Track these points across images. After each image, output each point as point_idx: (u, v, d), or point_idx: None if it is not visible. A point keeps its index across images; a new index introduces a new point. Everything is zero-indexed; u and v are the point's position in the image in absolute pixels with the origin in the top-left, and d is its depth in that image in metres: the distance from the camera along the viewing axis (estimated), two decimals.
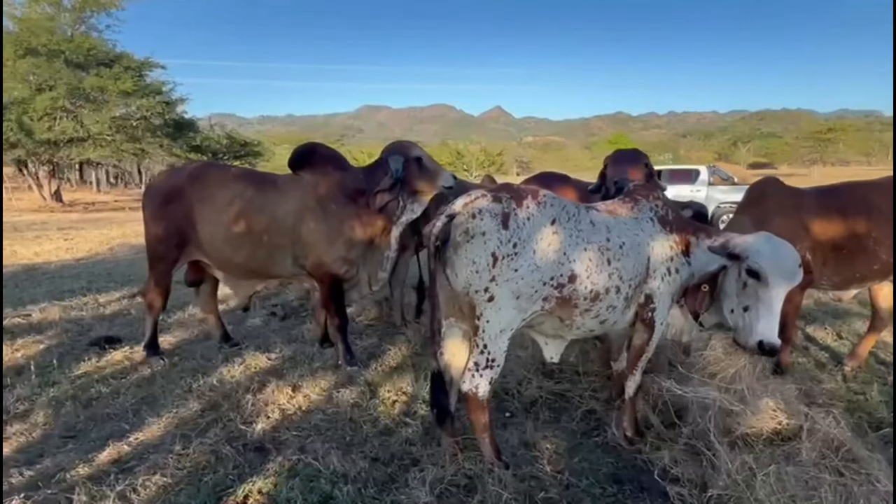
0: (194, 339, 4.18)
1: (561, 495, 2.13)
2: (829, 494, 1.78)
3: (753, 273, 2.08)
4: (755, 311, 2.10)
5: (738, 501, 1.88)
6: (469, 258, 2.05)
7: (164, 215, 3.34)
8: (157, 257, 3.46)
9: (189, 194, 3.29)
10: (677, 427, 2.51)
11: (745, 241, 2.15)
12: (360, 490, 2.16)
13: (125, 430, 2.70)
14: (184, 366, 3.55)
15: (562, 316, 2.20)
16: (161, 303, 3.63)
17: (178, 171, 3.48)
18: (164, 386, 3.22)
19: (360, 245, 3.42)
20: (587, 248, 2.14)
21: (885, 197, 3.12)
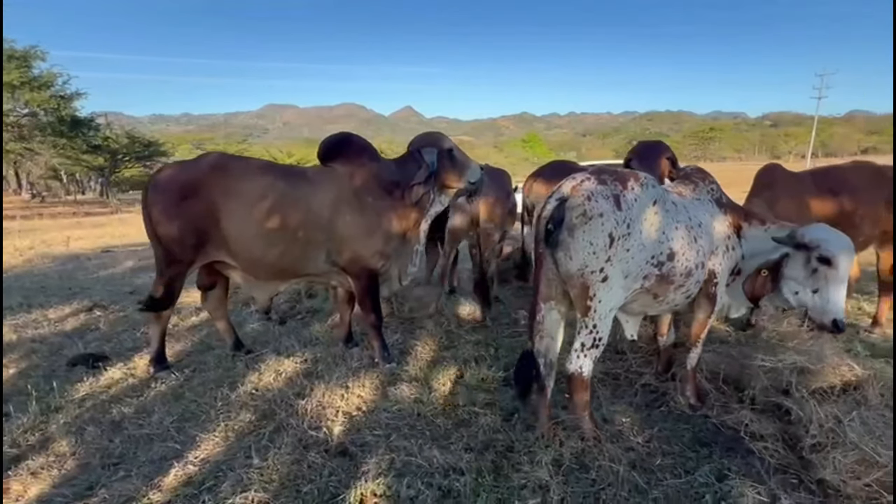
0: (196, 350, 3.82)
1: (665, 462, 2.25)
2: None
3: (825, 260, 2.28)
4: (825, 293, 2.31)
5: (834, 446, 2.10)
6: (587, 239, 2.09)
7: (179, 212, 3.01)
8: (169, 260, 3.12)
9: (211, 188, 3.00)
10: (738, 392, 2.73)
11: (812, 231, 2.37)
12: (476, 480, 2.14)
13: (179, 450, 2.44)
14: (204, 377, 3.25)
15: (657, 293, 2.31)
16: (170, 311, 3.29)
17: (192, 163, 3.14)
18: (196, 400, 2.93)
19: (396, 238, 3.32)
20: (678, 226, 2.27)
21: (862, 178, 3.60)
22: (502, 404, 2.82)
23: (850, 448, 2.06)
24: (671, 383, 2.92)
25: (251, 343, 3.83)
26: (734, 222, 2.60)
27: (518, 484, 2.10)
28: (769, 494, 2.02)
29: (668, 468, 2.20)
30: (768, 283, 2.48)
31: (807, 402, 2.28)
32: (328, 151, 3.27)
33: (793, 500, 1.98)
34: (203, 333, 4.15)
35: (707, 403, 2.71)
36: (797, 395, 2.36)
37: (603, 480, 2.10)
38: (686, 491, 2.07)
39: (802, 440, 2.22)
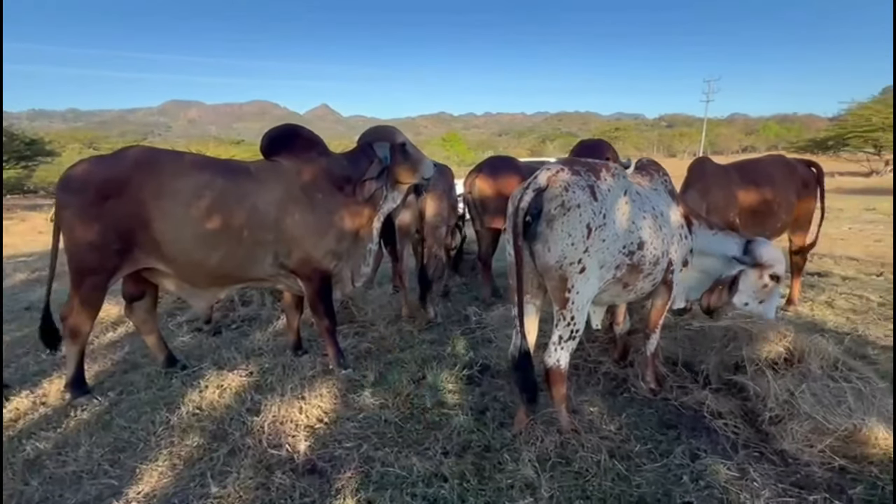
0: (119, 370, 3.38)
1: (640, 447, 2.29)
2: (850, 396, 2.25)
3: (776, 277, 2.63)
4: (769, 303, 2.67)
5: (790, 418, 2.25)
6: (566, 231, 2.07)
7: (99, 214, 2.63)
8: (86, 269, 2.72)
9: (139, 186, 2.65)
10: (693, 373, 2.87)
11: (763, 251, 2.64)
12: (461, 485, 2.05)
13: (116, 487, 2.13)
14: (134, 400, 2.88)
15: (628, 281, 2.35)
16: (89, 328, 2.88)
17: (113, 158, 2.74)
18: (129, 427, 2.58)
19: (349, 237, 3.14)
20: (645, 216, 2.32)
21: (777, 170, 3.94)
22: (471, 403, 2.75)
23: (804, 419, 2.22)
24: (630, 370, 3.01)
25: (184, 358, 3.46)
26: (684, 212, 2.72)
27: (505, 484, 2.04)
28: (738, 469, 2.12)
29: (644, 454, 2.25)
30: (724, 295, 2.70)
31: (762, 378, 2.43)
32: (273, 145, 3.02)
33: (759, 472, 2.10)
34: (125, 351, 3.70)
35: (666, 387, 2.81)
36: (751, 370, 2.51)
37: (587, 472, 2.10)
38: (664, 474, 2.12)
39: (761, 414, 2.36)
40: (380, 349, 3.59)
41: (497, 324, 3.79)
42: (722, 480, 2.04)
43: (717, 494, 1.98)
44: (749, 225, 3.80)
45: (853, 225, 8.71)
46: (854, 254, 6.21)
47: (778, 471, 2.12)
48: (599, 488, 2.01)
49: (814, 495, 1.93)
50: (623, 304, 3.00)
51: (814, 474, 2.07)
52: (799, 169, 4.06)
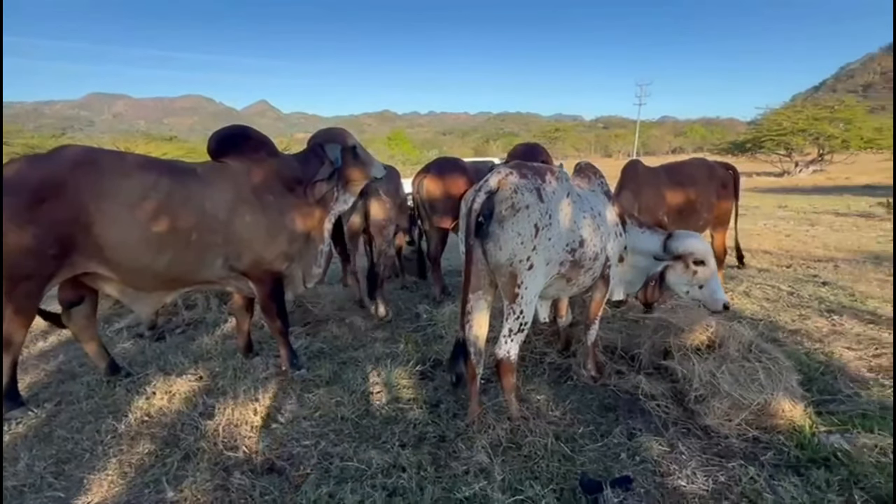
0: (55, 380, 3.23)
1: (583, 430, 2.48)
2: (762, 374, 2.54)
3: (699, 262, 2.88)
4: (710, 286, 2.89)
5: (713, 396, 2.51)
6: (515, 230, 2.21)
7: (34, 218, 2.49)
8: (20, 275, 2.57)
9: (79, 188, 2.54)
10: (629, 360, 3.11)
11: (681, 242, 2.91)
12: (419, 474, 2.15)
13: (63, 499, 2.07)
14: (75, 411, 2.77)
15: (571, 276, 2.53)
16: (22, 337, 2.72)
17: (49, 158, 2.60)
18: (72, 437, 2.50)
19: (300, 238, 3.16)
20: (585, 216, 2.51)
21: (700, 172, 4.31)
22: (425, 397, 2.85)
23: (723, 396, 2.48)
24: (572, 359, 3.21)
25: (127, 365, 3.34)
26: (619, 211, 2.95)
27: (460, 471, 2.16)
28: (668, 444, 2.35)
29: (587, 435, 2.44)
30: (657, 290, 2.97)
31: (688, 362, 2.69)
32: (221, 146, 2.98)
33: (686, 446, 2.33)
34: (59, 360, 3.52)
35: (605, 373, 3.03)
36: (678, 356, 2.77)
37: (536, 455, 2.25)
38: (605, 452, 2.32)
39: (687, 394, 2.61)
40: (333, 349, 3.63)
41: (448, 321, 3.90)
42: (655, 455, 2.26)
43: (650, 467, 2.19)
44: (676, 223, 4.13)
45: (767, 221, 9.52)
46: (768, 248, 6.82)
47: (702, 444, 2.36)
48: (547, 469, 2.17)
49: (732, 462, 2.17)
50: (566, 298, 3.21)
51: (732, 445, 2.32)
52: (718, 171, 4.45)
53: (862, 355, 3.16)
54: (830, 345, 3.33)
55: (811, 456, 2.18)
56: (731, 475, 2.10)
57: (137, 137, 59.99)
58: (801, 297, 4.42)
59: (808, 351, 3.24)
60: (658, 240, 2.97)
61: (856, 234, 7.63)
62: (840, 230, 8.14)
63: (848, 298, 4.32)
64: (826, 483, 2.01)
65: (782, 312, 4.09)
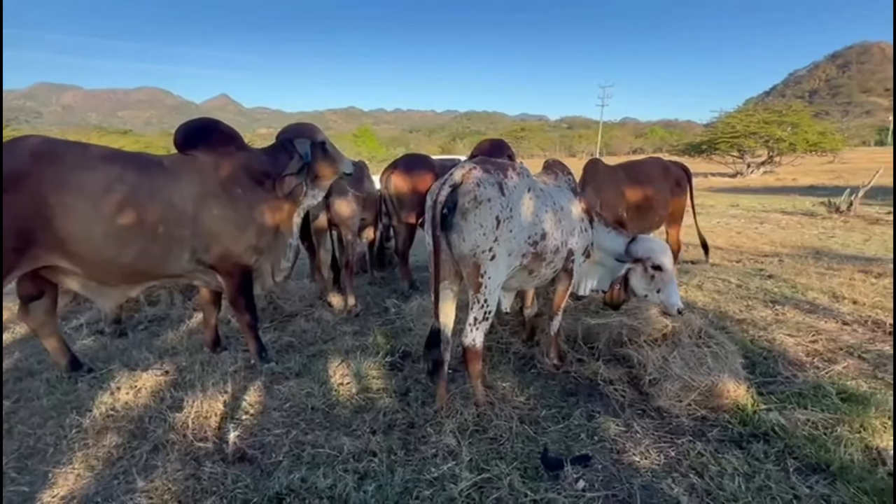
0: (12, 377, 3.12)
1: (546, 414, 2.61)
2: (710, 359, 2.73)
3: (657, 267, 2.98)
4: (666, 291, 3.00)
5: (665, 379, 2.68)
6: (477, 222, 2.30)
7: None
8: None
9: (39, 180, 2.49)
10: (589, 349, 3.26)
11: (641, 246, 3.03)
12: (389, 457, 2.23)
13: (27, 493, 2.05)
14: (36, 407, 2.72)
15: (533, 268, 2.65)
16: None
17: (7, 149, 2.51)
18: (34, 433, 2.46)
19: (269, 232, 3.17)
20: (548, 210, 2.63)
21: (656, 170, 4.53)
22: (394, 387, 2.93)
23: (675, 379, 2.65)
24: (537, 348, 3.35)
25: (89, 361, 3.28)
26: (585, 207, 3.08)
27: (429, 454, 2.25)
28: (625, 424, 2.50)
29: (549, 418, 2.57)
30: (621, 292, 3.11)
31: (642, 349, 2.86)
32: (188, 138, 2.96)
33: (640, 426, 2.49)
34: (15, 357, 3.42)
35: (567, 361, 3.18)
36: (634, 345, 2.94)
37: (501, 437, 2.36)
38: (566, 433, 2.45)
39: (642, 378, 2.78)
40: (302, 342, 3.65)
41: (416, 314, 3.98)
42: (612, 434, 2.41)
43: (608, 446, 2.33)
44: (634, 219, 4.34)
45: (720, 219, 9.99)
46: (720, 244, 7.19)
47: (655, 423, 2.52)
48: (512, 450, 2.28)
49: (681, 439, 2.34)
50: (531, 290, 3.34)
51: (682, 423, 2.49)
52: (672, 169, 4.69)
53: (800, 341, 3.41)
54: (773, 332, 3.57)
55: (752, 431, 2.37)
56: (681, 450, 2.26)
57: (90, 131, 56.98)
58: (748, 289, 4.70)
59: (753, 338, 3.47)
60: (622, 241, 3.12)
61: (800, 232, 8.11)
62: (786, 228, 8.62)
63: (790, 290, 4.63)
64: (764, 454, 2.19)
65: (731, 303, 4.34)
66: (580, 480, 2.07)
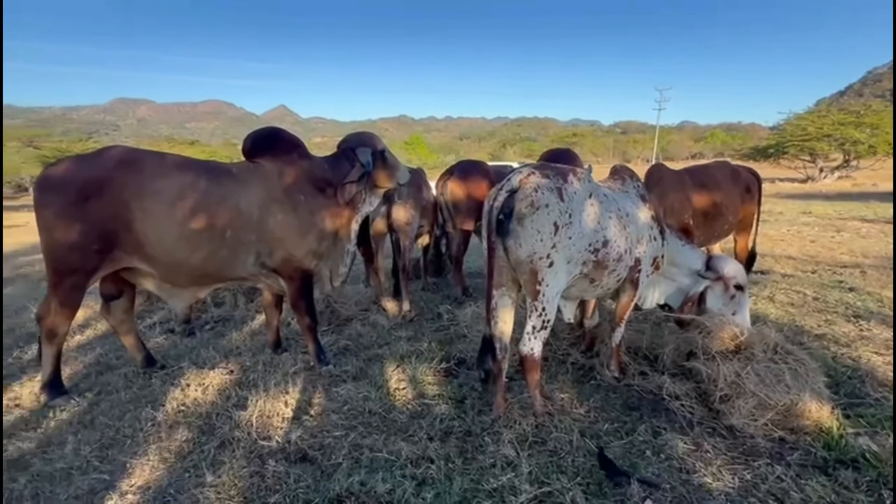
0: (93, 371, 3.36)
1: (608, 428, 2.51)
2: (788, 376, 2.54)
3: (740, 287, 2.90)
4: (741, 313, 2.92)
5: (737, 396, 2.52)
6: (535, 228, 2.26)
7: (79, 214, 2.63)
8: (66, 269, 2.71)
9: (122, 186, 2.67)
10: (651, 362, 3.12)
11: (724, 265, 2.91)
12: (447, 465, 2.20)
13: (108, 481, 2.17)
14: (115, 400, 2.89)
15: (594, 277, 2.57)
16: (66, 328, 2.86)
17: (94, 157, 2.74)
18: (113, 424, 2.61)
19: (329, 238, 3.25)
20: (611, 216, 2.54)
21: (724, 175, 4.31)
22: (450, 393, 2.91)
23: (749, 396, 2.49)
24: (596, 359, 3.24)
25: (161, 358, 3.46)
26: (655, 215, 2.94)
27: (487, 463, 2.21)
28: (693, 443, 2.37)
29: (611, 432, 2.47)
30: (695, 309, 2.98)
31: (711, 363, 2.70)
32: (255, 147, 3.09)
33: (711, 444, 2.35)
34: (97, 353, 3.66)
35: (628, 374, 3.05)
36: (703, 358, 2.78)
37: (561, 450, 2.29)
38: (630, 449, 2.34)
39: (712, 395, 2.62)
40: (358, 346, 3.71)
41: (470, 321, 3.95)
42: (680, 453, 2.28)
43: (676, 465, 2.21)
44: (701, 226, 4.13)
45: (791, 227, 9.38)
46: (792, 253, 6.74)
47: (727, 443, 2.37)
48: (573, 464, 2.21)
49: (758, 461, 2.19)
50: (592, 300, 3.24)
51: (758, 444, 2.33)
52: (742, 174, 4.44)
53: (890, 360, 3.13)
54: (858, 349, 3.30)
55: (838, 457, 2.18)
56: (758, 474, 2.11)
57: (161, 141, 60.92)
58: (826, 302, 4.37)
59: (835, 355, 3.22)
60: (699, 257, 2.98)
61: (883, 241, 7.48)
62: (867, 236, 7.98)
63: (876, 304, 4.27)
64: (854, 483, 2.01)
65: (807, 317, 4.05)
66: (647, 500, 1.97)
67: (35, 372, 3.27)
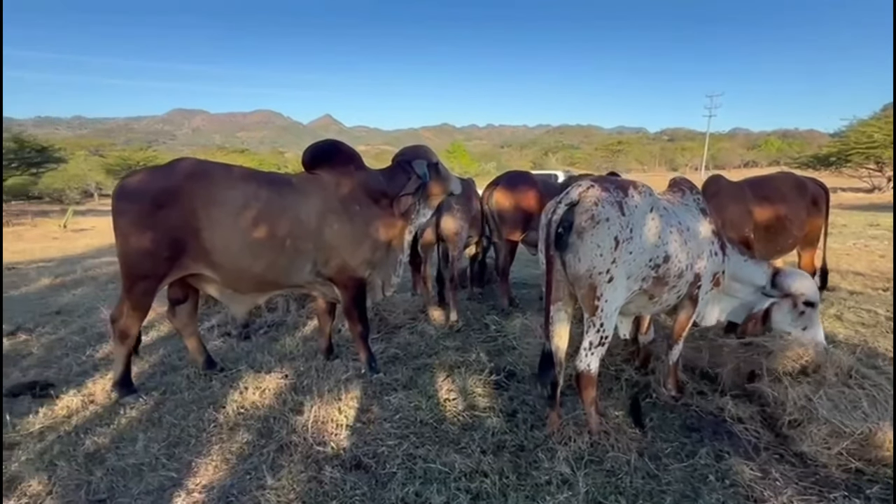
0: (158, 371, 3.53)
1: (668, 449, 2.42)
2: (865, 402, 2.39)
3: (810, 303, 2.77)
4: (813, 329, 2.80)
5: (809, 422, 2.38)
6: (595, 242, 2.22)
7: (152, 223, 2.78)
8: (138, 274, 2.87)
9: (191, 196, 2.81)
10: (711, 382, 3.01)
11: (793, 280, 2.79)
12: (501, 480, 2.18)
13: (176, 479, 2.26)
14: (178, 400, 3.02)
15: (654, 293, 2.50)
16: (137, 330, 3.02)
17: (167, 169, 2.90)
18: (178, 423, 2.73)
19: (383, 247, 3.31)
20: (672, 231, 2.47)
21: (788, 187, 4.11)
22: (500, 406, 2.88)
23: (822, 422, 2.35)
24: (651, 377, 3.14)
25: (219, 361, 3.60)
26: (716, 229, 2.84)
27: (543, 480, 2.18)
28: (760, 469, 2.25)
29: (671, 454, 2.38)
30: (759, 326, 2.88)
31: (779, 385, 2.57)
32: (314, 159, 3.19)
33: (780, 472, 2.23)
34: (161, 353, 3.84)
35: (686, 393, 2.94)
36: (767, 380, 2.65)
37: (619, 470, 2.23)
38: (691, 473, 2.26)
39: (780, 419, 2.49)
40: (407, 354, 3.74)
41: (518, 332, 3.92)
42: (746, 480, 2.18)
43: (742, 492, 2.11)
44: (762, 241, 3.96)
45: (857, 240, 8.85)
46: (860, 269, 6.35)
47: (798, 471, 2.25)
48: (632, 485, 2.15)
49: (833, 493, 2.06)
50: (648, 316, 3.15)
51: (832, 475, 2.20)
52: (809, 186, 4.22)
53: None
54: None
55: None
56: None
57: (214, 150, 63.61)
58: None
59: None
60: (763, 272, 2.86)
61: None
62: None
63: None
64: None
65: (881, 338, 3.80)
66: None
67: (105, 370, 3.46)
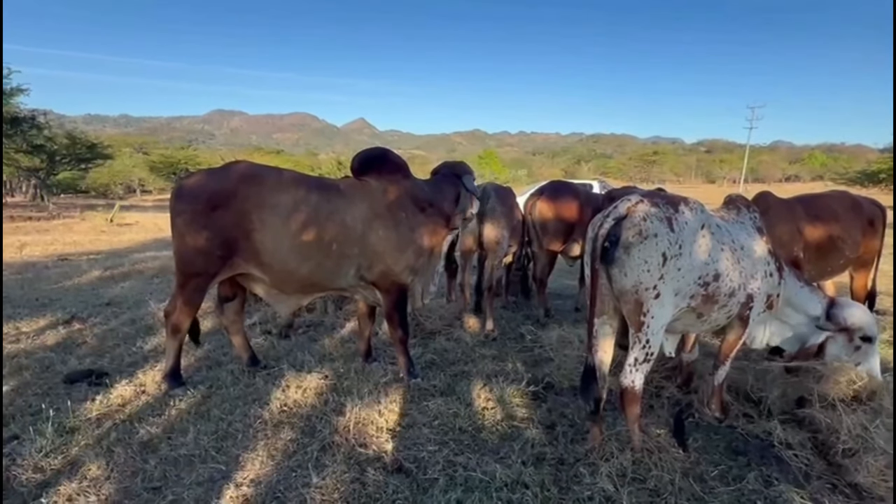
0: (203, 366, 3.64)
1: (714, 472, 2.37)
2: None
3: (868, 339, 2.68)
4: (870, 364, 2.70)
5: (865, 451, 2.30)
6: (642, 257, 2.21)
7: (207, 223, 2.90)
8: (192, 272, 2.99)
9: (244, 199, 2.92)
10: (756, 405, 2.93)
11: (849, 314, 2.70)
12: (542, 493, 2.18)
13: (225, 472, 2.34)
14: (224, 395, 3.12)
15: (702, 311, 2.46)
16: (188, 324, 3.15)
17: (222, 171, 3.03)
18: (225, 418, 2.81)
19: (425, 255, 3.35)
20: (723, 248, 2.43)
21: (843, 206, 3.97)
22: (539, 418, 2.88)
23: (878, 453, 2.26)
24: (694, 396, 3.08)
25: (262, 359, 3.70)
26: (773, 251, 2.77)
27: (584, 496, 2.16)
28: (812, 498, 2.18)
29: (717, 477, 2.33)
30: (811, 358, 2.80)
31: (831, 411, 2.49)
32: (362, 165, 3.27)
33: (833, 502, 2.15)
34: (206, 349, 3.97)
35: (730, 415, 2.88)
36: (818, 405, 2.57)
37: (663, 490, 2.20)
38: (738, 497, 2.20)
39: (833, 446, 2.41)
40: (444, 361, 3.77)
41: (556, 344, 3.90)
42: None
43: None
44: (813, 261, 3.83)
45: None
46: None
47: (852, 503, 2.17)
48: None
49: None
50: (694, 334, 3.09)
51: None
52: (865, 206, 4.07)
53: None
54: None
55: None
56: None
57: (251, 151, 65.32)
58: None
59: None
60: (819, 302, 2.77)
61: None
62: None
63: None
64: None
65: None
66: None
67: (154, 361, 3.61)
